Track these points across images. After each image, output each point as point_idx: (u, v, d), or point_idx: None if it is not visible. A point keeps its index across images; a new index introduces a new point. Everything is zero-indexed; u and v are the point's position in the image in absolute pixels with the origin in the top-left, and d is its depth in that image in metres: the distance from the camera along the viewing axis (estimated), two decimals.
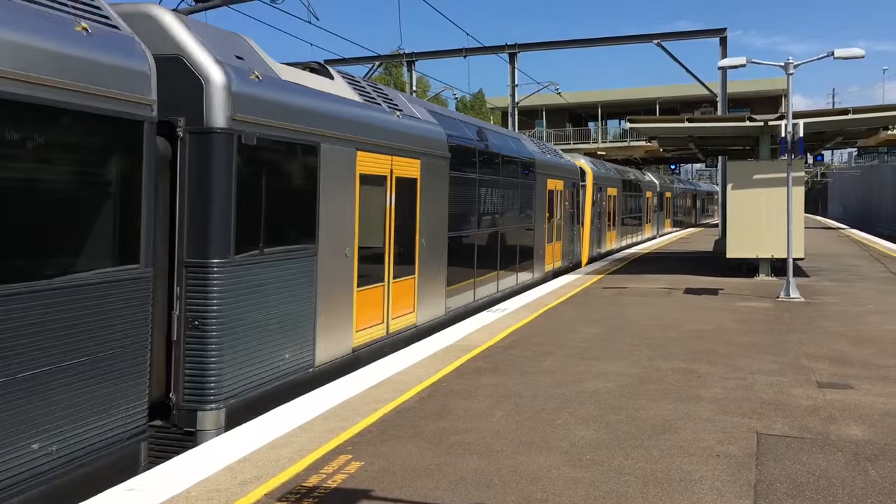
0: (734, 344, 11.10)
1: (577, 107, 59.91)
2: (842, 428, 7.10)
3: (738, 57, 16.78)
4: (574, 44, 34.01)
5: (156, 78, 6.50)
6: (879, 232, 51.72)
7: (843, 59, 15.67)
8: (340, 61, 37.19)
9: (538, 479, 5.86)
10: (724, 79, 29.16)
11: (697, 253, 29.34)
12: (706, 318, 13.49)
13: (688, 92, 50.58)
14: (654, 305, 15.09)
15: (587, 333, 11.99)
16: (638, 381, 8.90)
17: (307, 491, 5.60)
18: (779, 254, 17.82)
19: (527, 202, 18.62)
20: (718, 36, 29.77)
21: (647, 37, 30.93)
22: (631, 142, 56.48)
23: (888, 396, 8.18)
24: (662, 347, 10.86)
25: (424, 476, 5.92)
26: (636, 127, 21.07)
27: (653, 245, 35.66)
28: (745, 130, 19.77)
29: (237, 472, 5.97)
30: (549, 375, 9.17)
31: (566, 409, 7.70)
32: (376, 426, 7.16)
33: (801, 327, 12.50)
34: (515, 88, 35.09)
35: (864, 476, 5.91)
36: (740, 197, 18.57)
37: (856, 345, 11.01)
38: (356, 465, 6.12)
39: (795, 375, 9.14)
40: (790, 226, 16.12)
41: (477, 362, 9.92)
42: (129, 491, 5.60)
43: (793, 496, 5.52)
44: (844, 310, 14.32)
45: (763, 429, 7.07)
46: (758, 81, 56.58)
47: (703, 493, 5.59)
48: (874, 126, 20.91)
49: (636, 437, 6.83)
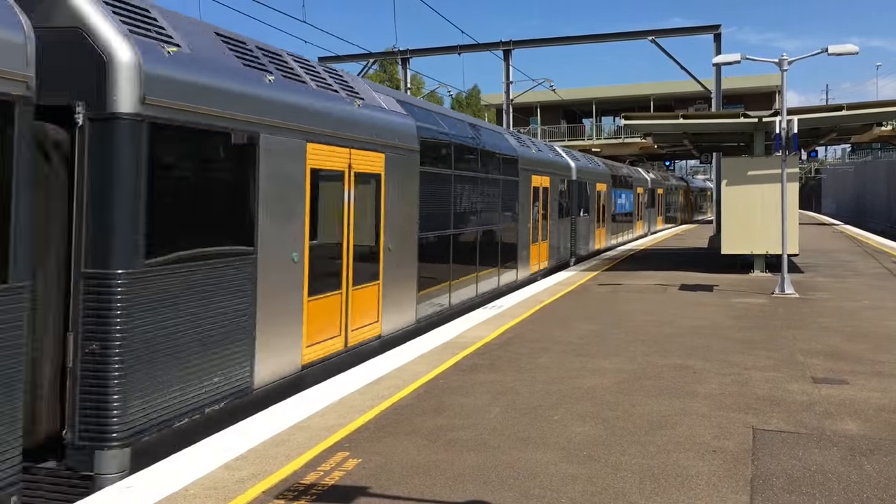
0: (730, 340, 11.14)
1: (571, 104, 60.00)
2: (837, 423, 7.14)
3: (733, 53, 16.82)
4: (569, 40, 34.04)
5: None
6: (873, 228, 51.92)
7: (837, 55, 15.70)
8: (335, 58, 37.16)
9: (535, 475, 5.87)
10: (719, 75, 29.22)
11: (692, 249, 29.41)
12: (701, 314, 13.52)
13: (682, 88, 50.66)
14: (650, 302, 15.13)
15: (583, 330, 12.02)
16: (634, 377, 8.93)
17: (305, 488, 5.61)
18: (773, 250, 17.88)
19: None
20: (713, 32, 29.83)
21: (642, 33, 30.98)
22: (626, 138, 56.58)
23: (883, 391, 8.22)
24: (658, 344, 10.89)
25: (422, 473, 5.93)
26: (631, 124, 21.10)
27: (647, 242, 35.72)
28: (740, 127, 19.83)
29: (234, 469, 5.98)
30: (546, 372, 9.19)
31: (563, 406, 7.72)
32: (373, 423, 7.17)
33: (796, 323, 12.54)
34: (510, 85, 35.10)
35: (859, 470, 5.94)
36: (735, 193, 18.63)
37: (850, 340, 11.05)
38: (354, 462, 6.13)
39: (791, 371, 9.18)
40: (785, 222, 16.17)
41: (473, 359, 9.94)
42: (128, 489, 5.60)
43: (789, 491, 5.54)
44: (839, 305, 14.37)
45: (759, 424, 7.10)
46: (752, 78, 56.70)
47: (699, 488, 5.61)
48: (868, 122, 20.95)
49: (633, 433, 6.85)
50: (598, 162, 31.77)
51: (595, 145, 56.78)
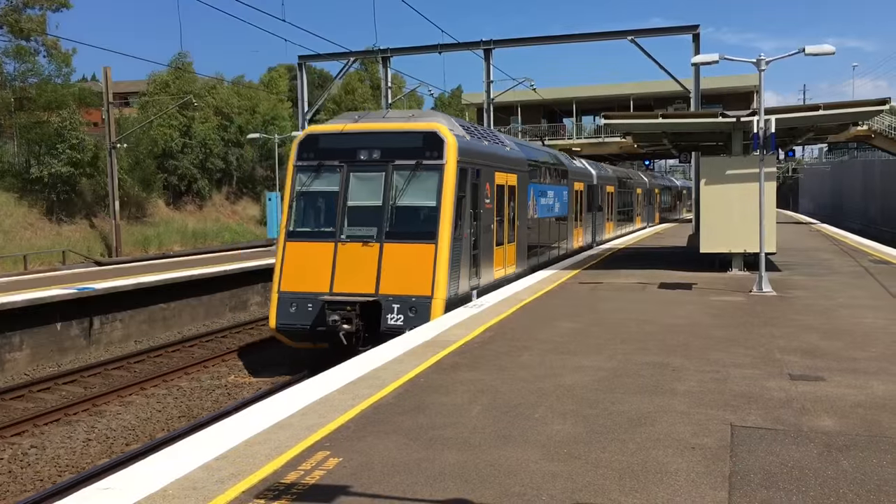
0: (708, 338, 11.22)
1: (552, 103, 60.09)
2: (814, 419, 7.21)
3: (711, 53, 16.92)
4: (549, 40, 34.08)
5: None
6: (849, 226, 52.51)
7: (814, 55, 15.84)
8: (315, 57, 37.01)
9: (516, 472, 5.89)
10: (697, 75, 29.36)
11: (671, 248, 29.58)
12: (680, 312, 13.61)
13: (661, 88, 50.95)
14: (630, 300, 15.21)
15: (564, 328, 12.06)
16: (614, 374, 8.97)
17: (285, 488, 5.59)
18: (751, 248, 18.02)
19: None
20: (691, 33, 29.97)
21: (621, 33, 31.06)
22: (605, 138, 56.80)
23: (859, 388, 8.31)
24: (638, 342, 10.95)
25: (403, 471, 5.93)
26: (611, 123, 21.15)
27: (626, 241, 35.88)
28: (718, 126, 19.95)
29: (214, 469, 5.94)
30: (527, 370, 9.21)
31: (543, 404, 7.75)
32: (354, 422, 7.16)
33: (774, 321, 12.65)
34: (491, 84, 35.10)
35: (835, 466, 6.01)
36: (713, 192, 18.75)
37: (827, 338, 11.17)
38: (334, 462, 6.11)
39: (768, 368, 9.26)
40: (762, 221, 16.30)
41: (454, 358, 9.94)
42: (105, 490, 5.56)
43: (766, 486, 5.60)
44: (816, 303, 14.52)
45: (737, 421, 7.16)
46: (730, 78, 57.11)
47: (678, 484, 5.65)
48: (844, 122, 21.14)
49: (613, 431, 6.88)
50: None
51: (575, 144, 56.86)
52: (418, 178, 15.16)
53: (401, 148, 15.34)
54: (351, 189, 15.37)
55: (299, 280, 15.19)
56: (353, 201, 15.35)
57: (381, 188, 15.19)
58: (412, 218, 15.18)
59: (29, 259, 34.24)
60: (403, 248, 14.93)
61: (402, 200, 15.16)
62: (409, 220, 15.15)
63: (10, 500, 9.81)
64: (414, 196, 15.21)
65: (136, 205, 46.08)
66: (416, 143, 15.30)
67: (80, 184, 42.01)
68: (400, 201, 15.15)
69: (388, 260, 14.87)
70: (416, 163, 15.17)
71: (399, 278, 14.74)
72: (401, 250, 14.92)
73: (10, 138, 42.56)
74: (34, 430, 12.40)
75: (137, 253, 40.85)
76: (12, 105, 41.45)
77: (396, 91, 47.68)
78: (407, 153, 15.26)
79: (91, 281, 20.25)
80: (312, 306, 14.83)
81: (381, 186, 15.21)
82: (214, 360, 17.17)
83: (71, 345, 17.97)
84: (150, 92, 51.06)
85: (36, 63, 42.60)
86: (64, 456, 11.38)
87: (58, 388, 14.94)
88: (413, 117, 16.42)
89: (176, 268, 23.80)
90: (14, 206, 38.89)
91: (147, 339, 19.91)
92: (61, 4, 43.19)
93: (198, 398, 14.42)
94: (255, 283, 24.83)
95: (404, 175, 15.20)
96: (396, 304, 14.61)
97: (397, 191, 15.18)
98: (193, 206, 52.41)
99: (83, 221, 42.23)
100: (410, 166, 15.18)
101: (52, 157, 39.61)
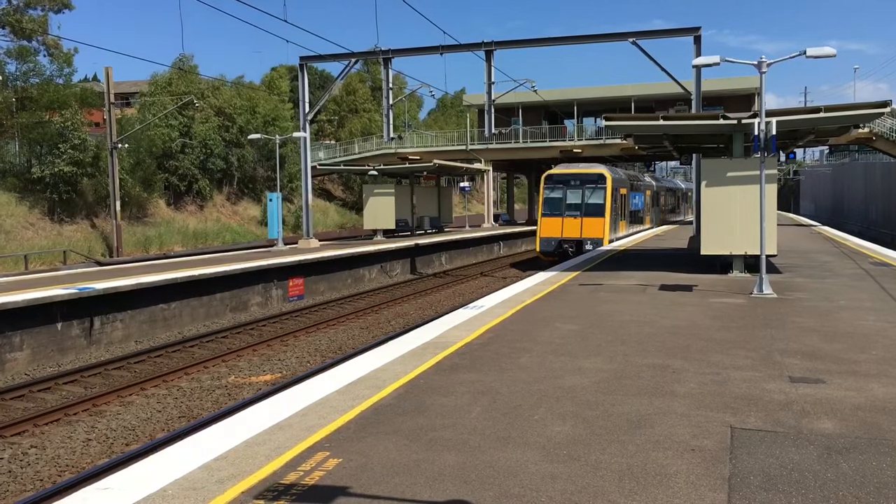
0: (708, 340, 11.22)
1: (553, 104, 60.08)
2: (814, 422, 7.21)
3: (713, 56, 16.91)
4: (550, 41, 34.12)
5: None
6: (850, 229, 52.52)
7: (815, 57, 15.83)
8: (316, 58, 37.03)
9: (515, 474, 5.89)
10: (699, 77, 29.39)
11: (671, 250, 29.58)
12: (681, 314, 13.61)
13: (662, 90, 50.96)
14: (630, 302, 15.21)
15: (564, 330, 12.06)
16: (614, 376, 8.97)
17: (285, 488, 5.59)
18: (752, 251, 18.01)
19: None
20: (693, 35, 29.99)
21: (623, 35, 31.08)
22: (606, 139, 56.78)
23: (859, 391, 8.31)
24: (638, 343, 10.95)
25: (402, 472, 5.93)
26: (612, 125, 21.15)
27: (630, 241, 35.94)
28: (719, 128, 19.95)
29: (214, 469, 5.94)
30: (526, 372, 9.22)
31: (543, 405, 7.75)
32: (354, 423, 7.16)
33: (774, 323, 12.65)
34: (492, 86, 35.11)
35: (835, 469, 6.01)
36: (714, 194, 18.75)
37: (827, 340, 11.16)
38: (334, 462, 6.12)
39: (768, 370, 9.26)
40: (763, 223, 16.29)
41: (454, 359, 9.95)
42: (105, 490, 5.56)
43: (766, 489, 5.60)
44: (816, 306, 14.52)
45: (737, 423, 7.16)
46: (731, 80, 57.12)
47: (678, 486, 5.65)
48: (845, 124, 21.15)
49: (612, 433, 6.89)
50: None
51: (577, 146, 56.95)
52: (595, 191, 34.81)
53: (588, 179, 35.17)
54: (567, 195, 35.01)
55: (547, 232, 34.84)
56: (569, 201, 34.98)
57: (581, 195, 34.90)
58: (594, 207, 34.56)
59: (30, 259, 34.29)
60: (591, 220, 34.41)
61: (588, 200, 34.73)
62: (593, 208, 34.54)
63: (10, 500, 9.81)
64: (594, 199, 34.75)
65: (137, 205, 46.16)
66: (594, 177, 35.20)
67: (82, 184, 42.09)
68: (587, 201, 34.74)
69: (585, 224, 34.39)
70: (595, 185, 34.93)
71: (589, 231, 34.19)
72: (590, 220, 34.41)
73: (12, 138, 42.63)
74: (34, 429, 12.40)
75: (138, 253, 40.90)
76: (14, 105, 41.51)
77: (398, 92, 47.72)
78: (590, 180, 35.09)
79: (92, 281, 20.27)
80: (554, 243, 34.33)
81: (581, 195, 34.91)
82: (214, 361, 17.19)
83: (71, 345, 17.99)
84: (150, 93, 51.14)
85: (37, 63, 42.69)
86: (64, 456, 11.38)
87: (58, 387, 14.95)
88: (591, 166, 37.36)
89: (176, 268, 23.82)
90: (15, 205, 38.95)
91: (147, 339, 19.93)
92: (63, 5, 43.29)
93: (198, 398, 14.43)
94: (256, 284, 24.86)
95: (590, 189, 34.91)
96: (588, 242, 33.62)
97: (586, 196, 34.81)
98: (194, 207, 52.47)
99: (84, 221, 42.29)
100: (592, 186, 34.89)
101: (53, 157, 39.65)
